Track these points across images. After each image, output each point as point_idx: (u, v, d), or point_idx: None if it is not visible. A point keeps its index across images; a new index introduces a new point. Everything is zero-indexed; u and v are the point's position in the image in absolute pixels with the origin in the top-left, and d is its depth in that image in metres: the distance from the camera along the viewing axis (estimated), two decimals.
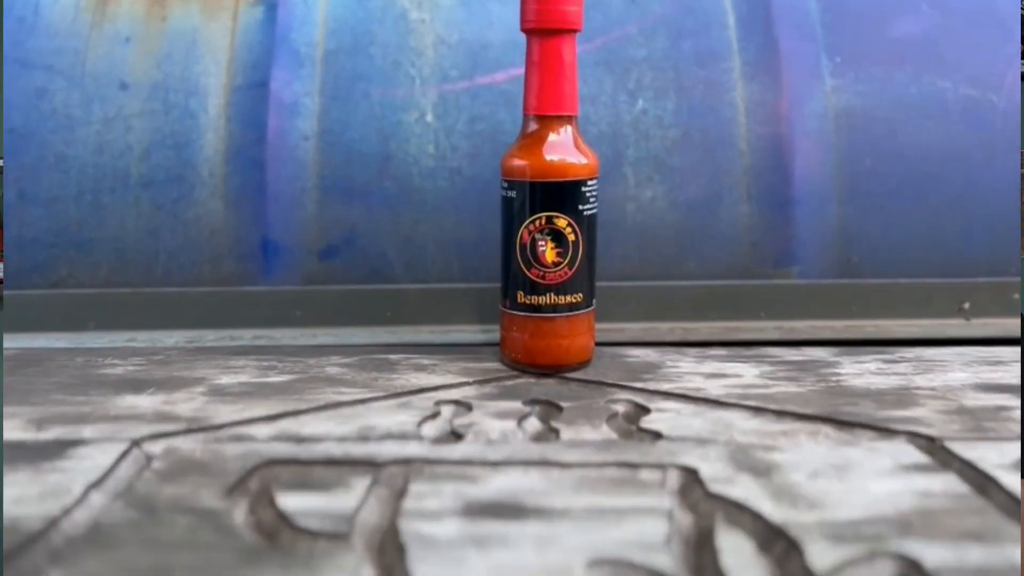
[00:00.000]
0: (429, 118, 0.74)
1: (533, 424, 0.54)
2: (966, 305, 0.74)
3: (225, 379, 0.61)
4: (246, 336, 0.71)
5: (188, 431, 0.52)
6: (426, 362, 0.65)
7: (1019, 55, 0.77)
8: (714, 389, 0.60)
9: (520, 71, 0.73)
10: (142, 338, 0.71)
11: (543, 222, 0.60)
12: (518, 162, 0.61)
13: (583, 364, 0.64)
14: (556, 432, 0.52)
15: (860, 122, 0.75)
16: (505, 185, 0.62)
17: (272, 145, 0.74)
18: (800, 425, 0.53)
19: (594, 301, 0.64)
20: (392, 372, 0.63)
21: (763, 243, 0.74)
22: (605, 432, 0.52)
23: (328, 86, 0.74)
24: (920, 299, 0.74)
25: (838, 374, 0.63)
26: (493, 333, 0.71)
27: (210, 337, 0.71)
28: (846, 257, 0.75)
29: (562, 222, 0.60)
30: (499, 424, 0.53)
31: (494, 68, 0.75)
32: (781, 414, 0.55)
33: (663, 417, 0.54)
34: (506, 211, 0.62)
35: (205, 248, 0.74)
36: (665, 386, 0.60)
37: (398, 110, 0.74)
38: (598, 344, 0.67)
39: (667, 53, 0.76)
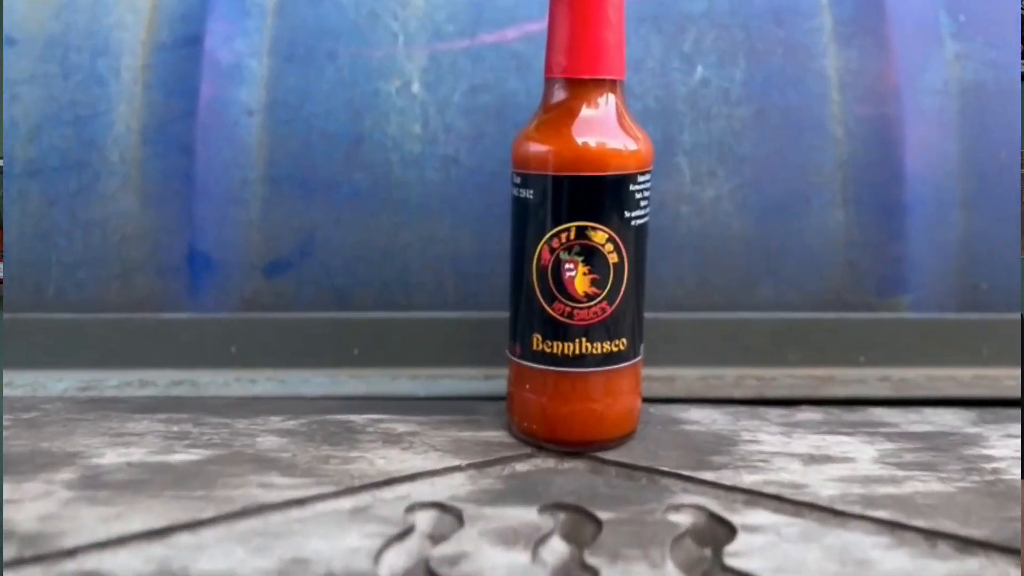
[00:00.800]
0: (416, 88, 0.55)
1: (556, 553, 0.35)
2: None
3: (110, 456, 0.42)
4: (160, 381, 0.52)
5: (17, 562, 0.33)
6: (401, 428, 0.47)
7: None
8: (820, 484, 0.41)
9: (538, 26, 0.54)
10: (20, 382, 0.53)
11: (572, 236, 0.41)
12: (537, 147, 0.42)
13: (625, 438, 0.45)
14: (593, 573, 0.33)
15: (992, 102, 0.56)
16: (518, 180, 0.43)
17: (204, 122, 0.55)
18: (973, 563, 0.34)
19: (642, 348, 0.45)
20: (352, 445, 0.44)
21: (863, 262, 0.55)
22: (671, 573, 0.33)
23: (282, 44, 0.55)
24: None
25: (990, 458, 0.44)
26: (498, 381, 0.52)
27: (111, 382, 0.52)
28: (973, 283, 0.56)
29: (600, 236, 0.41)
30: (503, 557, 0.34)
31: (503, 22, 0.55)
32: (934, 536, 0.36)
33: (756, 543, 0.35)
34: (519, 218, 0.43)
35: (112, 259, 0.55)
36: (749, 478, 0.41)
37: (374, 77, 0.55)
38: (644, 400, 0.48)
39: (734, 7, 0.56)
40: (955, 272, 0.56)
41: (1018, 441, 0.46)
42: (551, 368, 0.43)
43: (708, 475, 0.41)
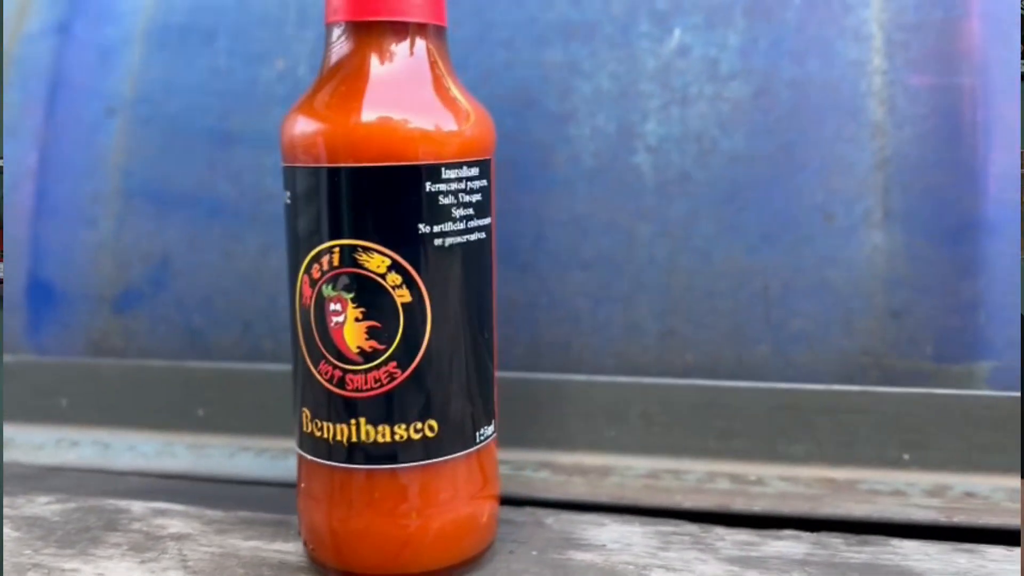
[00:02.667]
0: (302, 71, 0.42)
1: None
2: None
3: None
4: None
5: None
6: (177, 526, 0.34)
7: None
8: None
9: None
10: None
11: (336, 260, 0.27)
12: (305, 126, 0.28)
13: (464, 568, 0.29)
14: None
15: None
16: (284, 179, 0.29)
17: (56, 122, 0.45)
18: None
19: (490, 428, 0.30)
20: (85, 549, 0.32)
21: (916, 311, 0.36)
22: None
23: (155, 29, 0.45)
24: None
25: None
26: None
27: None
28: None
29: (377, 262, 0.27)
30: None
31: None
32: None
33: None
34: (287, 233, 0.29)
35: None
36: None
37: (253, 61, 0.43)
38: (551, 506, 0.32)
39: None
40: None
41: None
42: (322, 461, 0.28)
43: None
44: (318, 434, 0.28)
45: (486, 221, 0.28)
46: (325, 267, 0.27)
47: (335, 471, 0.28)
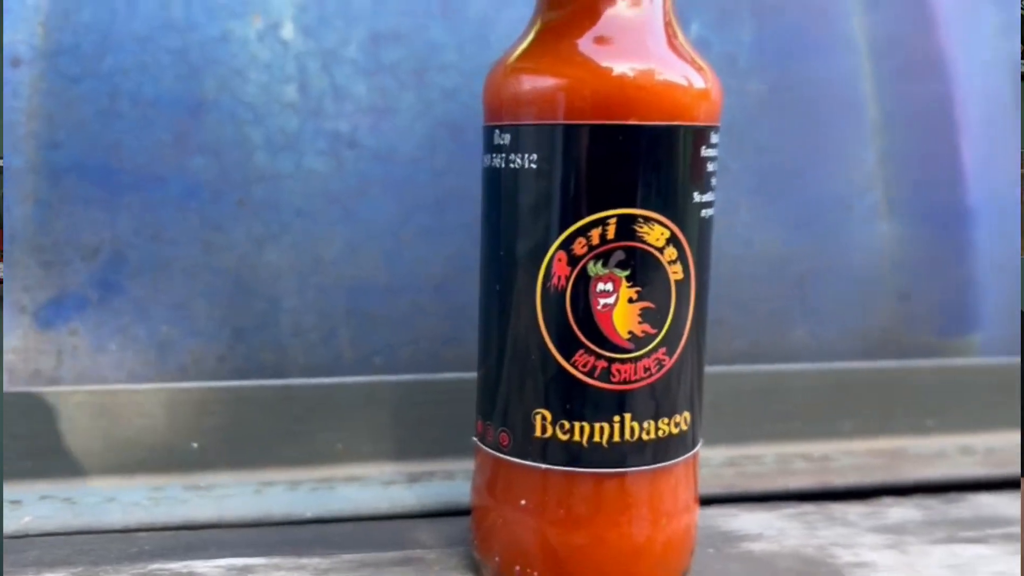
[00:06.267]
0: (287, 32, 0.36)
1: None
2: None
3: None
4: None
5: None
6: None
7: None
8: None
9: None
10: None
11: (612, 233, 0.23)
12: (538, 80, 0.24)
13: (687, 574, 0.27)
14: None
15: None
16: (503, 140, 0.24)
17: None
18: None
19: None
20: None
21: (921, 291, 0.40)
22: None
23: None
24: None
25: None
26: (434, 485, 0.33)
27: None
28: None
29: (658, 234, 0.24)
30: None
31: None
32: None
33: None
34: (503, 207, 0.24)
35: None
36: None
37: (222, 14, 0.35)
38: None
39: None
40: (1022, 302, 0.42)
41: None
42: (567, 468, 0.24)
43: None
44: (563, 438, 0.24)
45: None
46: (595, 241, 0.23)
47: (571, 479, 0.24)
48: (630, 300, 0.24)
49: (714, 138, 0.25)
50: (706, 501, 0.33)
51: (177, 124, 0.34)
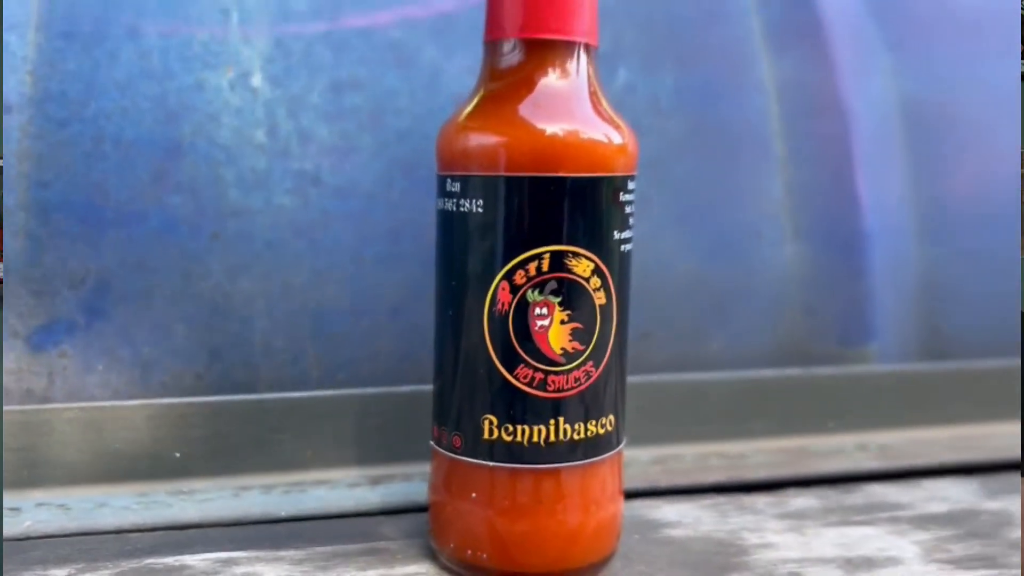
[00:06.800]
0: (257, 81, 0.40)
1: None
2: None
3: None
4: None
5: None
6: (271, 572, 0.30)
7: None
8: None
9: (422, 11, 0.41)
10: None
11: (546, 265, 0.28)
12: (484, 138, 0.28)
13: (607, 560, 0.31)
14: None
15: (934, 120, 0.49)
16: (453, 188, 0.29)
17: None
18: None
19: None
20: None
21: (824, 307, 0.46)
22: None
23: (57, 15, 0.38)
24: None
25: None
26: (394, 485, 0.38)
27: None
28: (934, 325, 0.48)
29: (584, 266, 0.28)
30: None
31: (374, 2, 0.42)
32: None
33: None
34: (454, 245, 0.29)
35: None
36: None
37: (197, 65, 0.39)
38: None
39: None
40: (915, 314, 0.47)
41: None
42: (511, 466, 0.29)
43: None
44: (508, 439, 0.28)
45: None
46: (533, 272, 0.28)
47: (518, 474, 0.29)
48: (562, 322, 0.28)
49: (631, 185, 0.30)
50: (634, 495, 0.38)
51: (156, 164, 0.38)
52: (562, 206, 0.28)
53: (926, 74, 0.49)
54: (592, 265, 0.28)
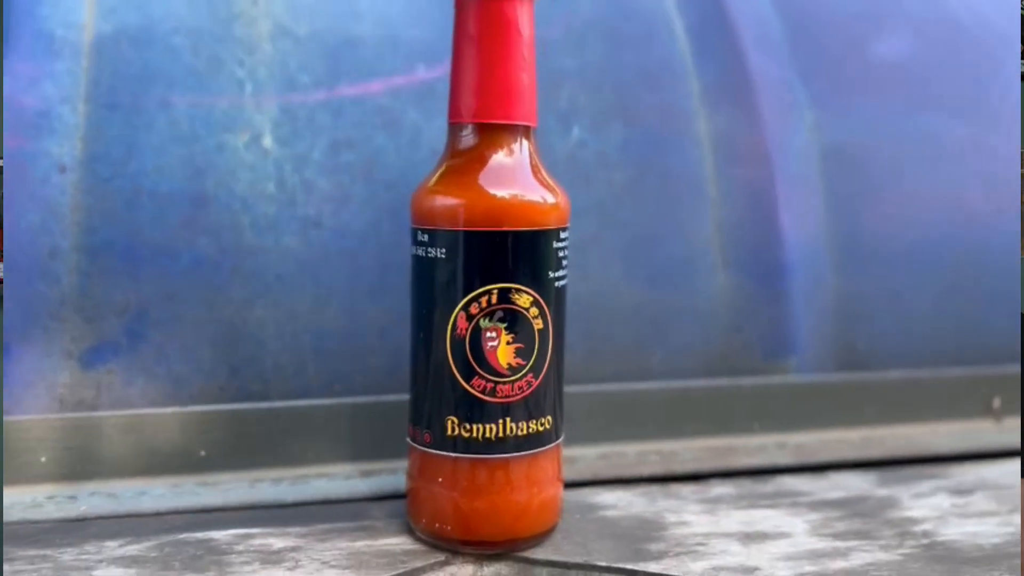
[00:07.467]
0: (268, 142, 0.48)
1: None
2: (996, 403, 0.57)
3: None
4: None
5: None
6: (279, 543, 0.38)
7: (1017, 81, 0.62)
8: (771, 565, 0.37)
9: (405, 79, 0.49)
10: None
11: (495, 299, 0.36)
12: (446, 200, 0.36)
13: (549, 532, 0.39)
14: None
15: (850, 165, 0.57)
16: (424, 239, 0.37)
17: (7, 179, 0.45)
18: None
19: (562, 427, 0.40)
20: (223, 570, 0.35)
21: (749, 326, 0.53)
22: None
23: (101, 89, 0.46)
24: (939, 396, 0.56)
25: (914, 520, 0.43)
26: (381, 478, 0.45)
27: None
28: (849, 342, 0.55)
29: (525, 299, 0.36)
30: None
31: (365, 74, 0.50)
32: None
33: None
34: (424, 282, 0.37)
35: None
36: (696, 566, 0.37)
37: (218, 129, 0.47)
38: None
39: (604, 66, 0.54)
40: (832, 333, 0.55)
41: (931, 501, 0.45)
42: (469, 456, 0.37)
43: (652, 566, 0.37)
44: (467, 435, 0.36)
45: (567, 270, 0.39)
46: (484, 304, 0.36)
47: (474, 463, 0.37)
48: (508, 343, 0.36)
49: (564, 235, 0.38)
50: (580, 484, 0.46)
51: (185, 213, 0.46)
52: (507, 253, 0.36)
53: (844, 125, 0.57)
54: (532, 298, 0.36)
